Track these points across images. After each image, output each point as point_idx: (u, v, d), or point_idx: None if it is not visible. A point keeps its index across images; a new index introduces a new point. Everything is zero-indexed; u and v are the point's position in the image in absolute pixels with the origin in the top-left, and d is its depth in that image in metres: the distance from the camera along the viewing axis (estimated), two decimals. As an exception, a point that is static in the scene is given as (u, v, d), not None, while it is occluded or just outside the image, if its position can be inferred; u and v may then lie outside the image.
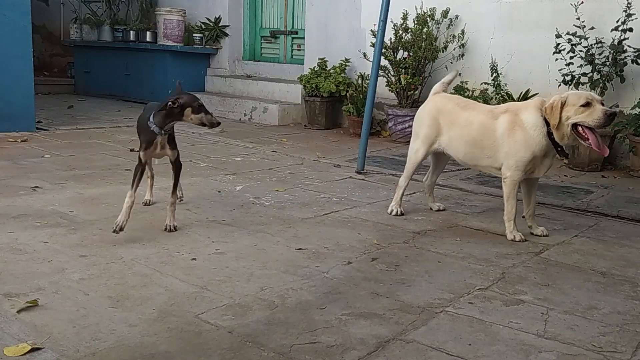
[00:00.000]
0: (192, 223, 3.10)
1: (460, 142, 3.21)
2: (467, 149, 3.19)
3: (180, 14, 8.01)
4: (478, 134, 3.12)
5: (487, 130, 3.08)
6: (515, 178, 3.03)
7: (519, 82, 5.46)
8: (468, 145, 3.17)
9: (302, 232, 3.04)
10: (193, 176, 4.13)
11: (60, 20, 10.12)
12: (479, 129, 3.11)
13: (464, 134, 3.18)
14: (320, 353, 1.85)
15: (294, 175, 4.34)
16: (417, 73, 5.90)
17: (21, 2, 5.33)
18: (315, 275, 2.48)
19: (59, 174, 3.97)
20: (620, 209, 3.71)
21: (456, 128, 3.22)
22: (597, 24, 4.96)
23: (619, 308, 2.29)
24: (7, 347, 1.79)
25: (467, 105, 3.27)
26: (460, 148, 3.22)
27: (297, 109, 7.02)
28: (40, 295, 2.16)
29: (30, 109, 5.51)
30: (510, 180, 3.04)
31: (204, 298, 2.21)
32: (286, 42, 7.95)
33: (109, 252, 2.63)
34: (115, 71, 8.59)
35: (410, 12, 5.98)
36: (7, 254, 2.54)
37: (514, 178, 3.03)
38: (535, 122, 2.95)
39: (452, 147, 3.27)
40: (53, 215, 3.10)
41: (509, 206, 3.08)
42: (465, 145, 3.18)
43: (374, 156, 5.12)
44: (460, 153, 3.24)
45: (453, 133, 3.24)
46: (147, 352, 1.81)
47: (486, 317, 2.15)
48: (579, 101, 2.84)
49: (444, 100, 3.35)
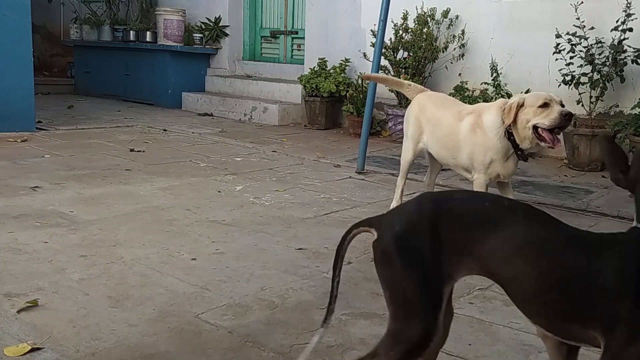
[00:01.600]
0: (192, 223, 3.10)
1: (433, 141, 3.22)
2: (438, 149, 3.20)
3: (180, 14, 8.01)
4: (445, 134, 3.12)
5: (451, 132, 3.07)
6: (481, 180, 3.00)
7: (519, 82, 5.45)
8: (438, 145, 3.18)
9: (302, 232, 3.04)
10: (193, 176, 4.13)
11: (60, 20, 10.12)
12: (446, 129, 3.11)
13: (435, 133, 3.19)
14: (320, 353, 1.85)
15: (294, 175, 4.34)
16: (417, 73, 5.90)
17: (21, 2, 5.33)
18: (315, 275, 2.48)
19: (59, 174, 3.97)
20: (620, 209, 3.71)
21: (431, 127, 3.23)
22: (597, 24, 4.96)
23: (619, 308, 2.29)
24: (7, 347, 1.79)
25: (442, 104, 3.26)
26: (434, 147, 3.23)
27: (297, 109, 7.01)
28: (40, 295, 2.16)
29: (30, 109, 5.51)
30: (477, 182, 3.01)
31: (204, 298, 2.21)
32: (286, 42, 7.95)
33: (109, 252, 2.63)
34: (115, 71, 8.58)
35: (410, 12, 5.98)
36: (7, 254, 2.54)
37: (480, 180, 3.00)
38: (493, 123, 2.92)
39: (429, 146, 3.28)
40: (53, 215, 3.10)
41: None
42: (437, 145, 3.19)
43: (374, 156, 5.12)
44: (434, 152, 3.25)
45: (428, 132, 3.25)
46: (147, 352, 1.81)
47: (486, 317, 2.15)
48: (537, 102, 2.81)
49: (425, 99, 3.35)
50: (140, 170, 4.21)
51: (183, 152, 4.98)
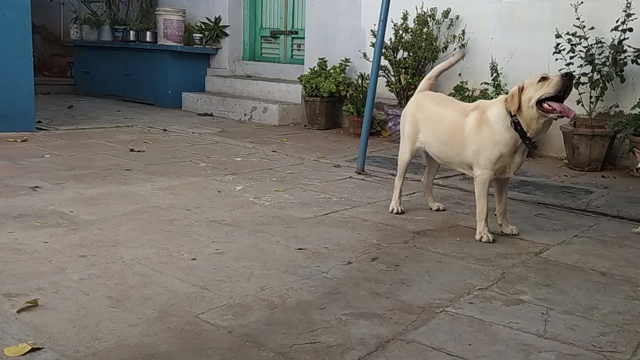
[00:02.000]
0: (192, 223, 3.10)
1: (434, 140, 3.22)
2: (440, 147, 3.19)
3: (180, 14, 8.01)
4: (448, 131, 3.11)
5: (456, 128, 3.07)
6: (485, 177, 3.00)
7: (519, 82, 5.29)
8: (441, 143, 3.17)
9: (302, 232, 3.04)
10: (193, 176, 4.13)
11: (60, 20, 10.12)
12: (449, 126, 3.11)
13: (437, 130, 3.18)
14: (320, 353, 1.85)
15: (294, 175, 4.34)
16: (417, 73, 5.90)
17: (21, 2, 5.33)
18: (315, 275, 2.48)
19: (59, 174, 3.97)
20: (620, 209, 3.71)
21: (431, 125, 3.22)
22: (597, 24, 4.96)
23: (619, 308, 2.29)
24: (7, 347, 1.79)
25: (442, 102, 3.27)
26: (435, 145, 3.23)
27: (297, 109, 7.02)
28: (40, 295, 2.16)
29: (30, 109, 5.51)
30: (480, 179, 3.02)
31: (204, 298, 2.21)
32: (286, 42, 7.95)
33: (109, 252, 2.63)
34: (115, 71, 8.59)
35: (410, 12, 5.98)
36: (7, 254, 2.54)
37: (484, 177, 3.00)
38: (499, 115, 2.95)
39: (429, 145, 3.27)
40: (53, 215, 3.10)
41: (480, 206, 3.05)
42: (439, 142, 3.18)
43: (374, 156, 5.12)
44: (435, 150, 3.24)
45: (427, 130, 3.24)
46: (147, 352, 1.81)
47: (486, 317, 2.15)
48: (535, 79, 2.87)
49: (423, 97, 3.36)
50: (140, 170, 4.21)
51: (183, 152, 4.98)
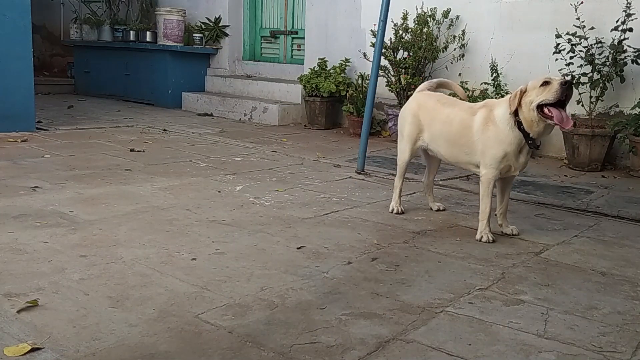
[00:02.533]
0: (192, 223, 3.10)
1: (441, 139, 3.21)
2: (447, 146, 3.19)
3: (180, 14, 8.01)
4: (457, 130, 3.11)
5: (465, 127, 3.08)
6: (490, 176, 3.01)
7: (519, 82, 5.37)
8: (449, 142, 3.17)
9: (302, 232, 3.04)
10: (193, 176, 4.13)
11: (60, 20, 10.12)
12: (459, 125, 3.11)
13: (445, 130, 3.18)
14: (320, 353, 1.85)
15: (294, 175, 4.34)
16: (417, 73, 5.90)
17: (21, 2, 5.33)
18: (315, 275, 2.48)
19: (59, 174, 3.97)
20: (620, 209, 3.71)
21: (437, 125, 3.22)
22: (597, 24, 4.96)
23: (619, 308, 2.29)
24: (7, 347, 1.79)
25: (448, 102, 3.27)
26: (442, 145, 3.22)
27: (297, 109, 7.02)
28: (40, 295, 2.16)
29: (30, 109, 5.51)
30: (485, 178, 3.02)
31: (204, 298, 2.21)
32: (286, 42, 7.95)
33: (109, 252, 2.63)
34: (115, 71, 8.59)
35: (410, 12, 5.98)
36: (7, 254, 2.54)
37: (489, 176, 3.01)
38: (504, 115, 2.95)
39: (435, 144, 3.27)
40: (53, 215, 3.10)
41: (483, 205, 3.05)
42: (446, 142, 3.18)
43: (374, 156, 5.12)
44: (442, 150, 3.24)
45: (434, 130, 3.24)
46: (147, 352, 1.81)
47: (486, 317, 2.15)
48: (538, 83, 2.86)
49: (425, 97, 3.35)
50: (140, 170, 4.21)
51: (183, 152, 4.98)
